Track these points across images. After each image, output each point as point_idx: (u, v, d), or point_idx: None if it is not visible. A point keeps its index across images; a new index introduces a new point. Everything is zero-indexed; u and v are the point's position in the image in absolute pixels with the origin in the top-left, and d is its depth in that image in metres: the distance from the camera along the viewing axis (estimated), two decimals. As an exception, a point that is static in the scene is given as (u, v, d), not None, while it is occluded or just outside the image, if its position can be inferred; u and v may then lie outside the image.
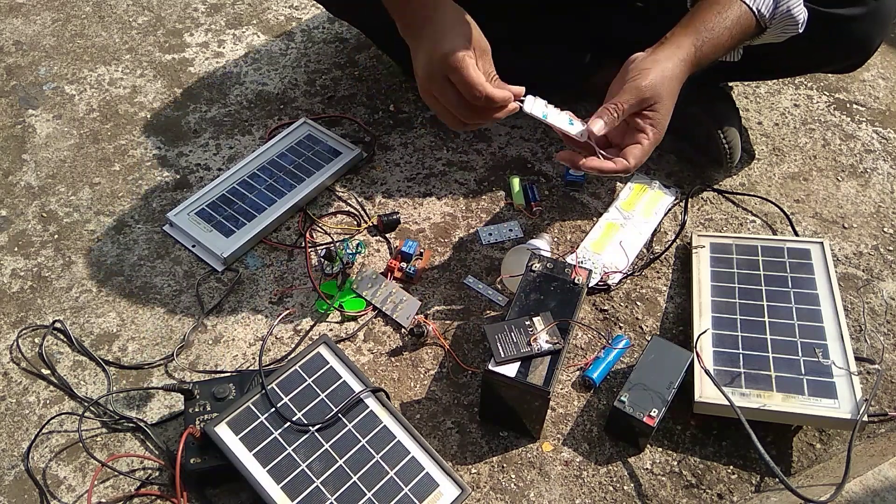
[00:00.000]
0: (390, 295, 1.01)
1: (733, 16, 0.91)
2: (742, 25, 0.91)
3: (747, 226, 1.13)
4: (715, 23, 0.90)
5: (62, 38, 1.42)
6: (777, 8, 0.91)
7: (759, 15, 0.92)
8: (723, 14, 0.91)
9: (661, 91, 0.87)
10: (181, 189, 1.16)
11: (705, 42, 0.90)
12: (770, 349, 0.91)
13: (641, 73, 0.87)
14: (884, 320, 1.02)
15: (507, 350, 0.83)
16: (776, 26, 0.94)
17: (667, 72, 0.87)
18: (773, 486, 0.86)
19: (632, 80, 0.87)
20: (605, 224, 1.10)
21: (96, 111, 1.28)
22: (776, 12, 0.92)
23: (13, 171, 1.19)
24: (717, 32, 0.90)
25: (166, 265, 1.06)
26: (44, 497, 0.84)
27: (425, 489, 0.80)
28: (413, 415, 0.91)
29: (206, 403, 0.85)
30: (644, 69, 0.87)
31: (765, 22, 0.93)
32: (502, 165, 1.21)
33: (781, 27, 0.94)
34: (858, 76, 1.39)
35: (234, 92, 1.32)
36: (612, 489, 0.86)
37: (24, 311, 1.01)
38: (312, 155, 1.17)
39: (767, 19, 0.92)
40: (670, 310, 1.02)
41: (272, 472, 0.79)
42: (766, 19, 0.92)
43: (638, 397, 0.85)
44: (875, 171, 1.22)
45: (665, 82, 0.87)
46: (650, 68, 0.87)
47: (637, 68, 0.88)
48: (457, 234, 1.11)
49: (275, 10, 1.50)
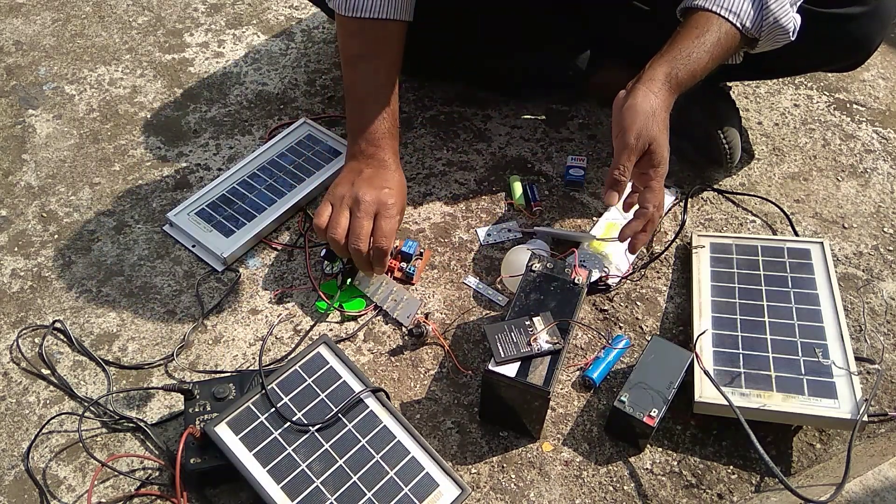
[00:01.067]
0: (391, 293, 1.01)
1: (713, 38, 0.91)
2: (724, 44, 0.91)
3: (747, 226, 1.13)
4: (692, 48, 0.90)
5: (62, 38, 1.42)
6: (763, 20, 0.91)
7: (744, 30, 0.91)
8: (702, 38, 0.91)
9: (652, 132, 0.88)
10: (181, 189, 1.16)
11: (682, 69, 0.90)
12: (770, 349, 0.91)
13: (627, 126, 0.88)
14: (884, 320, 1.02)
15: (507, 350, 0.83)
16: (766, 37, 0.93)
17: (649, 110, 0.88)
18: (773, 486, 0.86)
19: (621, 136, 0.88)
20: (605, 224, 1.10)
21: (96, 111, 1.28)
22: (763, 24, 0.91)
23: (13, 171, 1.19)
24: (694, 57, 0.90)
25: (166, 265, 1.06)
26: (44, 497, 0.84)
27: (425, 489, 0.80)
28: (413, 415, 0.91)
29: (206, 403, 0.85)
30: (629, 121, 0.88)
31: (752, 34, 0.92)
32: (502, 165, 1.21)
33: (772, 37, 0.93)
34: (858, 76, 1.39)
35: (234, 92, 1.32)
36: (612, 489, 0.86)
37: (24, 311, 1.01)
38: (312, 155, 1.17)
39: (754, 32, 0.92)
40: (670, 310, 1.02)
41: (272, 472, 0.79)
42: (753, 32, 0.92)
43: (638, 397, 0.85)
44: (875, 171, 1.22)
45: (651, 122, 0.88)
46: (634, 117, 0.88)
47: (622, 120, 0.89)
48: (457, 234, 1.11)
49: (275, 10, 1.50)
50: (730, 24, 0.91)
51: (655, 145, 0.88)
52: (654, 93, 0.89)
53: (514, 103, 1.30)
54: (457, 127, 1.27)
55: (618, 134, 0.89)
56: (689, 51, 0.90)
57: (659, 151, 0.89)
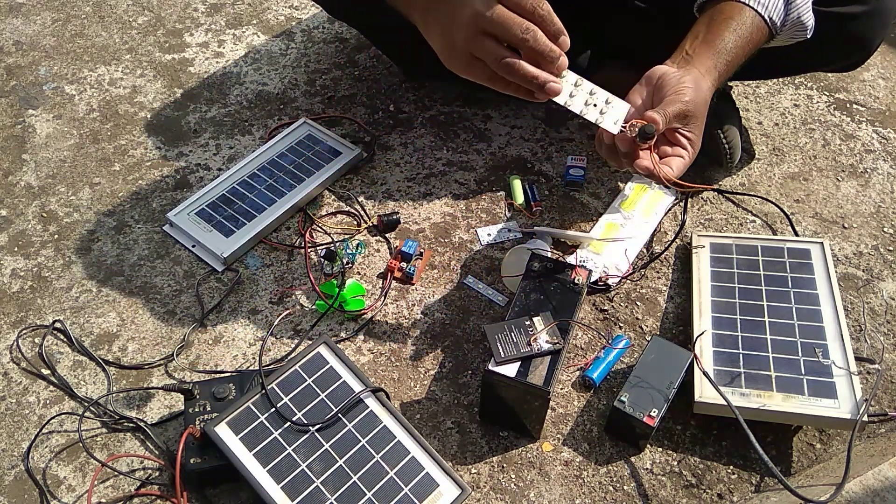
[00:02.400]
0: (591, 95, 0.82)
1: (747, 31, 0.89)
2: (756, 39, 0.90)
3: (747, 226, 1.13)
4: (734, 42, 0.88)
5: (62, 38, 1.42)
6: (788, 15, 0.91)
7: (770, 23, 0.91)
8: (739, 31, 0.88)
9: (700, 111, 0.85)
10: (181, 189, 1.16)
11: (728, 64, 0.89)
12: (770, 349, 0.91)
13: (683, 90, 0.84)
14: (884, 320, 1.02)
15: (507, 350, 0.83)
16: (786, 32, 0.93)
17: (702, 93, 0.85)
18: (773, 486, 0.86)
19: (675, 94, 0.84)
20: (605, 224, 1.10)
21: (96, 111, 1.28)
22: (787, 19, 0.91)
23: (13, 171, 1.19)
24: (735, 52, 0.89)
25: (166, 265, 1.06)
26: (44, 497, 0.84)
27: (425, 489, 0.80)
28: (413, 415, 0.91)
29: (206, 403, 0.85)
30: (685, 87, 0.84)
31: (776, 29, 0.92)
32: (502, 165, 1.21)
33: (791, 33, 0.93)
34: (858, 76, 1.39)
35: (234, 92, 1.32)
36: (612, 489, 0.86)
37: (24, 311, 1.01)
38: (312, 155, 1.17)
39: (779, 27, 0.92)
40: (670, 310, 1.02)
41: (272, 472, 0.79)
42: (778, 27, 0.92)
43: (638, 397, 0.85)
44: (875, 171, 1.22)
45: (701, 103, 0.85)
46: (691, 87, 0.84)
47: (677, 84, 0.84)
48: (457, 234, 1.11)
49: (275, 10, 1.50)
50: (760, 18, 0.90)
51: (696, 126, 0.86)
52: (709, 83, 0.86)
53: (514, 103, 1.30)
54: (457, 127, 1.27)
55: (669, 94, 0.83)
56: (732, 45, 0.88)
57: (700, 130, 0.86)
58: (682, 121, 0.85)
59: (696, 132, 0.87)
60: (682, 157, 0.87)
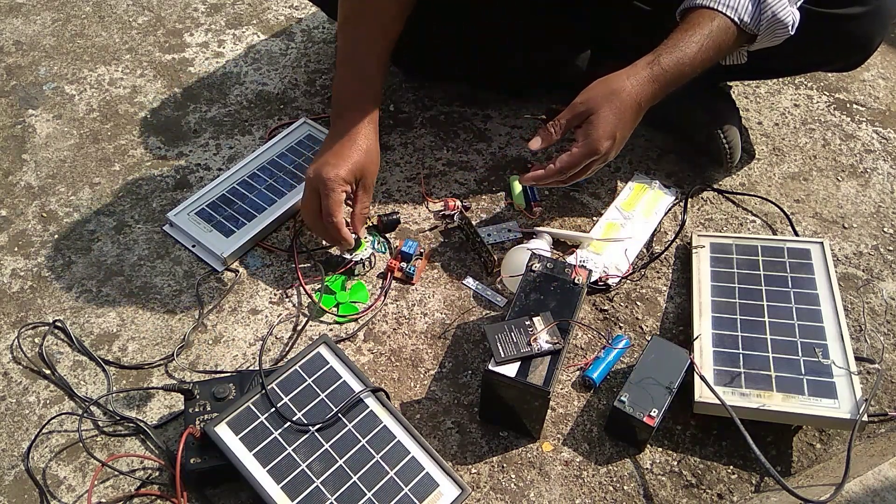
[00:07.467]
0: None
1: (703, 31, 0.92)
2: (717, 37, 0.92)
3: (747, 226, 1.13)
4: (679, 39, 0.92)
5: (62, 38, 1.42)
6: (762, 14, 0.91)
7: (741, 24, 0.92)
8: (691, 31, 0.92)
9: (598, 104, 0.90)
10: (181, 189, 1.16)
11: (665, 57, 0.92)
12: (770, 349, 0.91)
13: (583, 91, 0.92)
14: (884, 320, 1.02)
15: (507, 350, 0.83)
16: (765, 33, 0.93)
17: (611, 86, 0.91)
18: (772, 486, 0.86)
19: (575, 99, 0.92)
20: (605, 224, 1.10)
21: (96, 111, 1.28)
22: (761, 18, 0.91)
23: (13, 171, 1.19)
24: (680, 47, 0.92)
25: (166, 265, 1.06)
26: (44, 497, 0.84)
27: (425, 489, 0.80)
28: (413, 415, 0.91)
29: (206, 403, 0.85)
30: (587, 88, 0.92)
31: (750, 30, 0.92)
32: (502, 165, 1.21)
33: (771, 32, 0.94)
34: (858, 76, 1.39)
35: (234, 92, 1.32)
36: (612, 489, 0.86)
37: (24, 311, 1.01)
38: (312, 155, 1.17)
39: (752, 27, 0.92)
40: (670, 310, 1.02)
41: (272, 472, 0.79)
42: (751, 27, 0.92)
43: (638, 397, 0.85)
44: (875, 171, 1.22)
45: (606, 96, 0.90)
46: (592, 86, 0.92)
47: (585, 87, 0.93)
48: (457, 234, 1.11)
49: (275, 10, 1.50)
50: (725, 18, 0.92)
51: (595, 118, 0.90)
52: (628, 76, 0.91)
53: (514, 103, 1.30)
54: (457, 127, 1.27)
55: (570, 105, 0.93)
56: (676, 42, 0.92)
57: (596, 123, 0.90)
58: (577, 119, 0.92)
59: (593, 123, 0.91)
60: (570, 150, 0.93)
